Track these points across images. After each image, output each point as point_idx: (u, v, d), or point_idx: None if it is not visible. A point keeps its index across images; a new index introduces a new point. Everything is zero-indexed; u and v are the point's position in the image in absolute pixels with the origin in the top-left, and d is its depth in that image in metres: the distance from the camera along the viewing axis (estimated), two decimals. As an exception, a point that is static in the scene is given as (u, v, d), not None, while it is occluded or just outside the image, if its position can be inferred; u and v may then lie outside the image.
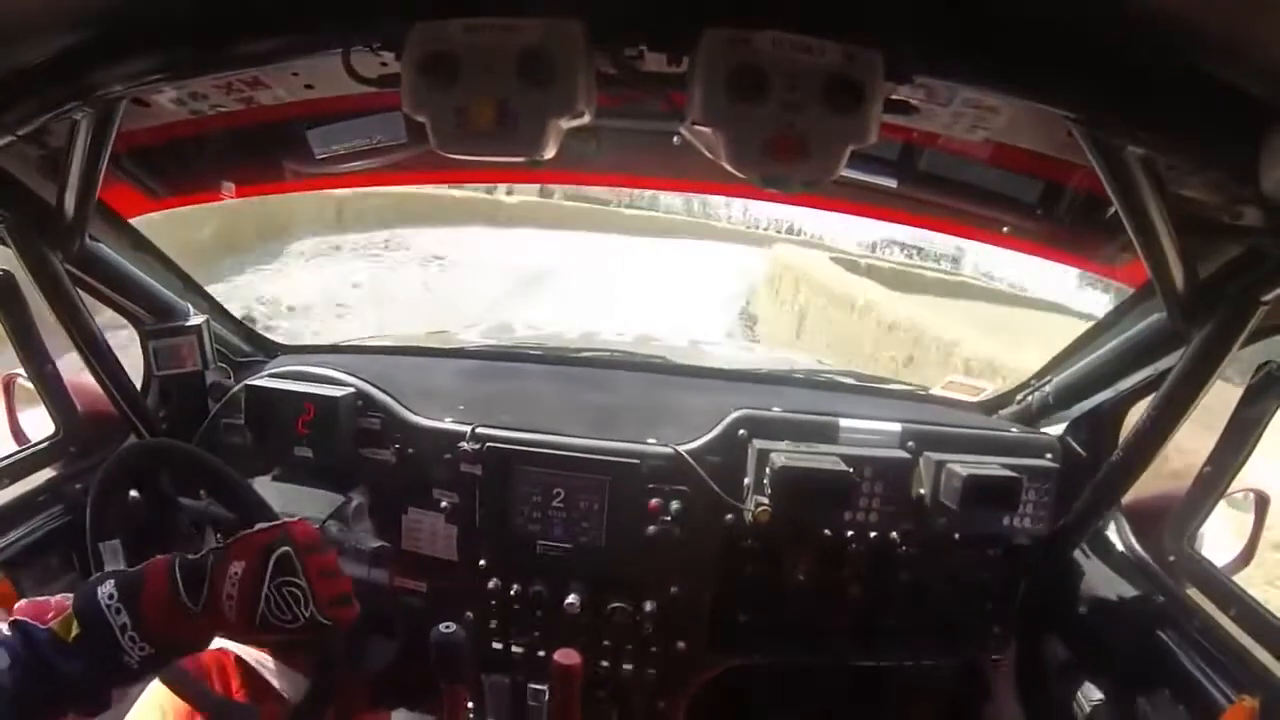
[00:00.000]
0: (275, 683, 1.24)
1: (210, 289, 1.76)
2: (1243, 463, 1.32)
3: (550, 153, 0.87)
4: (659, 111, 1.00)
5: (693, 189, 1.59)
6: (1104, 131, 0.90)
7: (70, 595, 0.93)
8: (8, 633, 0.88)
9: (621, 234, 20.80)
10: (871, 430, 1.48)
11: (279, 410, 1.54)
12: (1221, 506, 1.41)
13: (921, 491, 1.45)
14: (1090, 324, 1.59)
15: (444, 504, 1.51)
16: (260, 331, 1.93)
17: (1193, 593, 1.34)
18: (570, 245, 16.82)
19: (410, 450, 1.51)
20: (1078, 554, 1.52)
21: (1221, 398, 1.24)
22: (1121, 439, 1.44)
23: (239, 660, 1.28)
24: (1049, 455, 1.50)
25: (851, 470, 1.38)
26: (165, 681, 1.19)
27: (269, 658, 1.28)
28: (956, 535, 1.50)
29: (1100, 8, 0.75)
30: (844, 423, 1.48)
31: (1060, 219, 1.35)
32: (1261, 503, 1.49)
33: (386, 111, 1.21)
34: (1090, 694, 1.45)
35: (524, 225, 18.92)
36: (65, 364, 1.53)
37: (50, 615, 0.91)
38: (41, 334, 1.48)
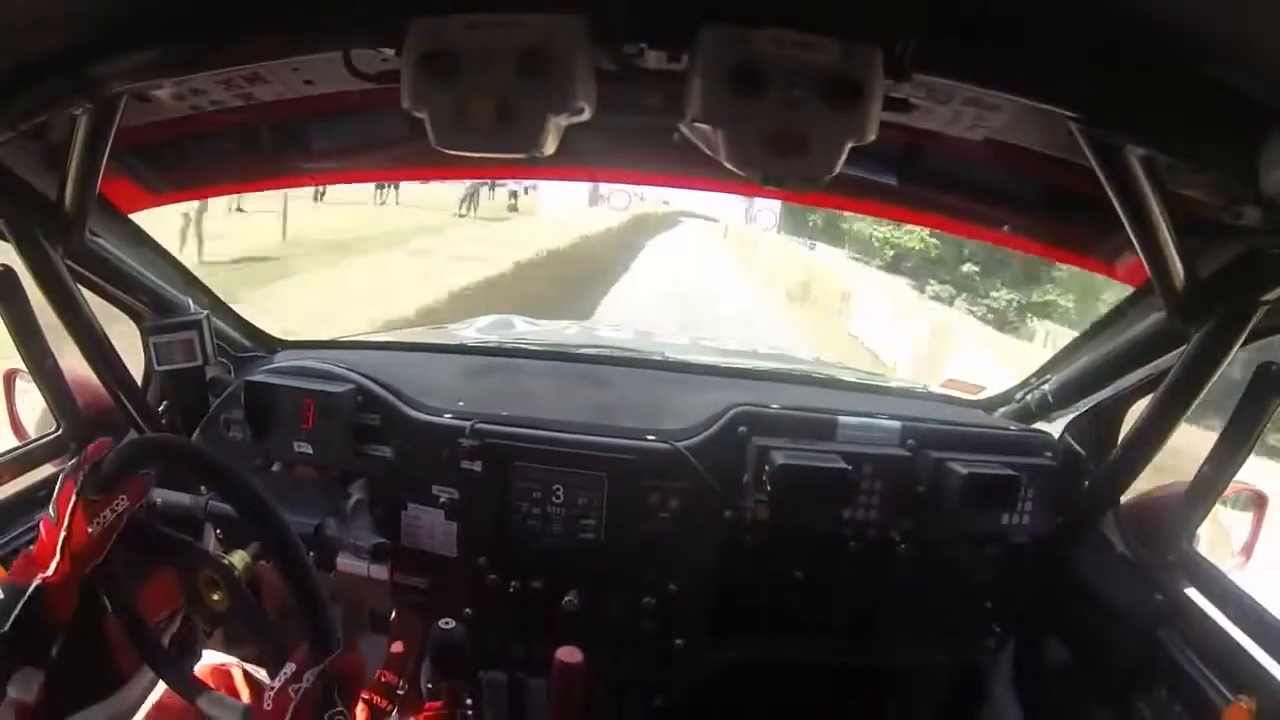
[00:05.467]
0: None
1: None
2: (1241, 463, 1.32)
3: (550, 149, 0.88)
4: (659, 108, 1.00)
5: (692, 186, 1.60)
6: (1104, 131, 0.90)
7: None
8: None
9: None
10: (871, 428, 1.48)
11: (279, 406, 1.54)
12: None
13: (921, 489, 1.45)
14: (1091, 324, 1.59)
15: (443, 500, 1.51)
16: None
17: (1191, 593, 1.34)
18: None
19: (409, 446, 1.51)
20: (1076, 553, 1.52)
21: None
22: (1121, 438, 1.44)
23: (245, 674, 1.28)
24: (1048, 454, 1.50)
25: (851, 468, 1.39)
26: (169, 685, 1.19)
27: (264, 671, 1.29)
28: (956, 533, 1.50)
29: (1100, 8, 0.75)
30: (843, 420, 1.48)
31: (1060, 218, 1.35)
32: (1260, 502, 1.49)
33: (386, 108, 1.21)
34: (1088, 693, 1.46)
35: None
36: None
37: None
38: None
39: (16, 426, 1.65)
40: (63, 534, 1.04)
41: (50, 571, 1.02)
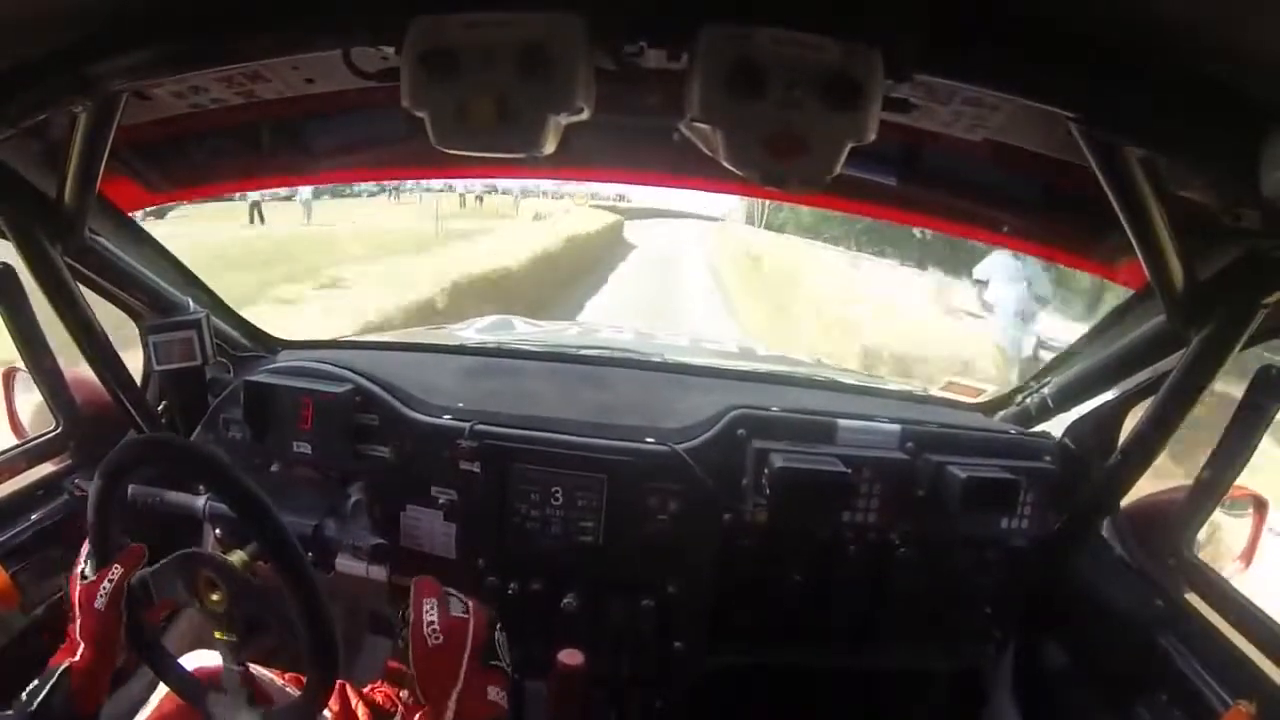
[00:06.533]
0: (275, 694, 1.25)
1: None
2: (1242, 467, 1.32)
3: (549, 149, 0.87)
4: (658, 108, 0.99)
5: (691, 185, 1.60)
6: (1103, 131, 0.89)
7: None
8: None
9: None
10: (870, 431, 1.48)
11: (278, 406, 1.54)
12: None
13: (920, 493, 1.45)
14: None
15: (442, 501, 1.50)
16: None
17: (1191, 597, 1.34)
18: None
19: (409, 447, 1.51)
20: (1076, 557, 1.51)
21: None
22: (1120, 441, 1.44)
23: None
24: (1048, 457, 1.50)
25: (850, 471, 1.38)
26: (173, 688, 1.19)
27: (268, 671, 1.29)
28: (955, 537, 1.49)
29: (1100, 7, 0.75)
30: (843, 423, 1.48)
31: (1060, 219, 1.35)
32: (1260, 507, 1.49)
33: (386, 106, 1.21)
34: (1087, 698, 1.45)
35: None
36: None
37: None
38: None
39: (15, 425, 1.65)
40: (78, 621, 1.09)
41: (76, 657, 1.07)
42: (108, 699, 1.47)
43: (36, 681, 1.05)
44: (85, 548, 1.14)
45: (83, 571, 1.12)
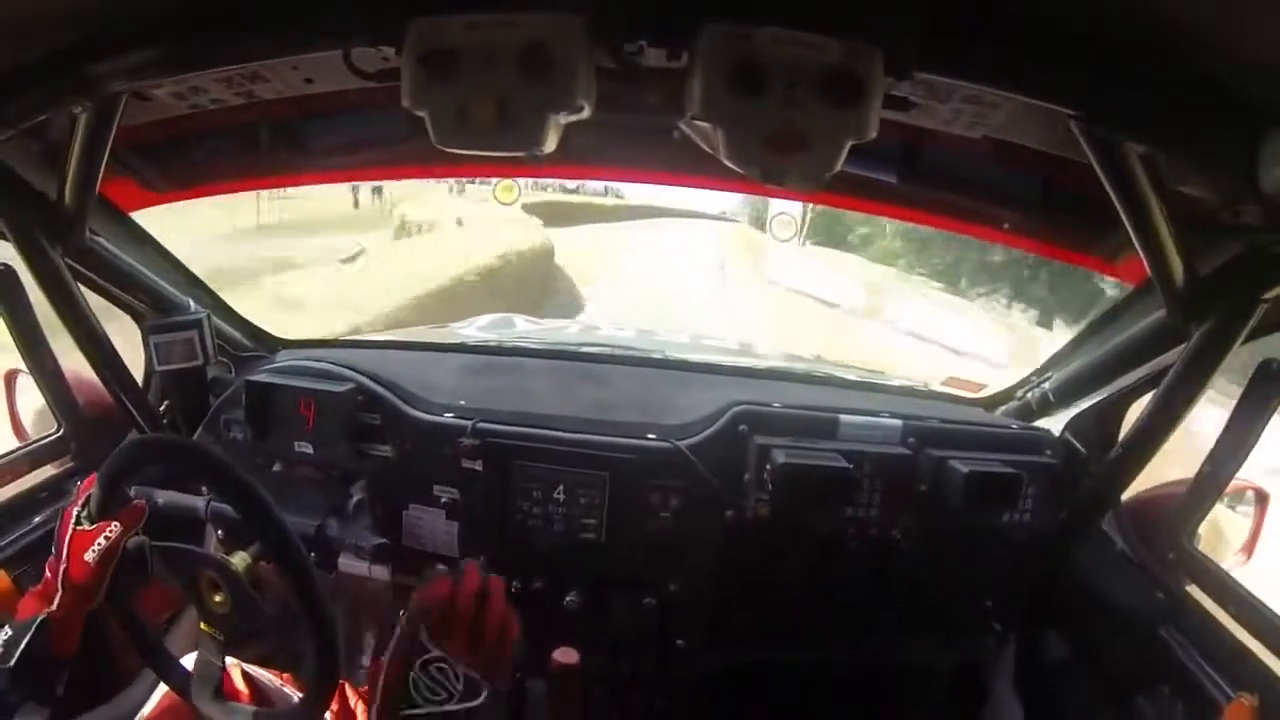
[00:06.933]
0: (274, 695, 1.25)
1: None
2: (1243, 460, 1.32)
3: (550, 148, 0.87)
4: (659, 106, 0.99)
5: (692, 183, 1.60)
6: (1103, 129, 0.90)
7: None
8: None
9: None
10: (872, 426, 1.48)
11: (279, 406, 1.54)
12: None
13: (922, 488, 1.45)
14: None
15: (444, 500, 1.51)
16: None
17: (1192, 590, 1.34)
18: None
19: (410, 446, 1.51)
20: (1077, 551, 1.52)
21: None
22: (1121, 436, 1.45)
23: (245, 674, 1.28)
24: (1049, 452, 1.50)
25: (852, 466, 1.39)
26: (174, 689, 1.19)
27: (268, 672, 1.29)
28: (957, 531, 1.50)
29: (1100, 7, 0.75)
30: (844, 419, 1.48)
31: (1060, 215, 1.35)
32: (1261, 500, 1.49)
33: (386, 106, 1.21)
34: (1089, 691, 1.46)
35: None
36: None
37: None
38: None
39: (17, 427, 1.65)
40: (62, 566, 1.05)
41: (54, 606, 1.03)
42: (110, 703, 1.49)
43: (12, 633, 1.01)
44: (83, 490, 1.10)
45: (79, 515, 1.07)
